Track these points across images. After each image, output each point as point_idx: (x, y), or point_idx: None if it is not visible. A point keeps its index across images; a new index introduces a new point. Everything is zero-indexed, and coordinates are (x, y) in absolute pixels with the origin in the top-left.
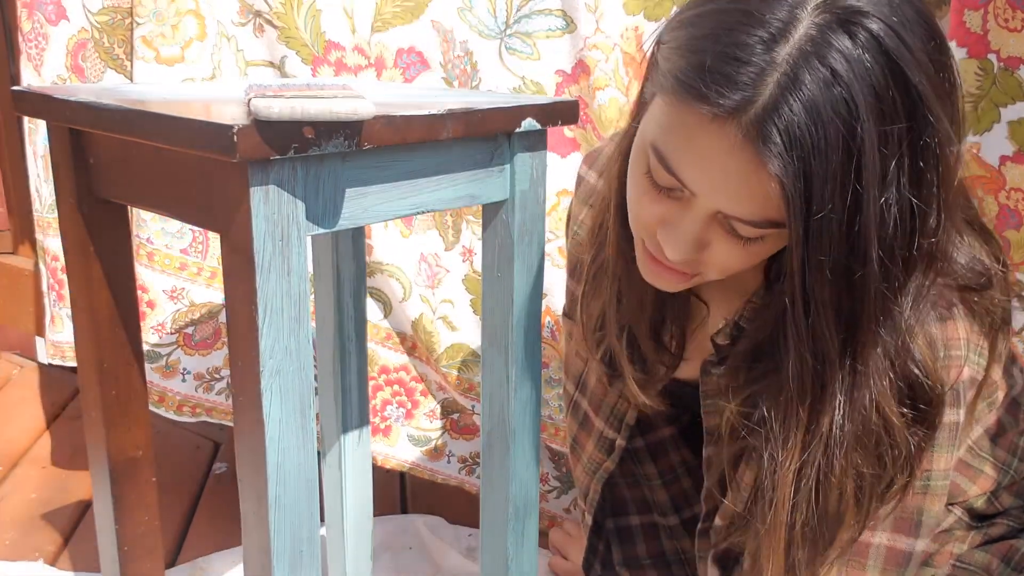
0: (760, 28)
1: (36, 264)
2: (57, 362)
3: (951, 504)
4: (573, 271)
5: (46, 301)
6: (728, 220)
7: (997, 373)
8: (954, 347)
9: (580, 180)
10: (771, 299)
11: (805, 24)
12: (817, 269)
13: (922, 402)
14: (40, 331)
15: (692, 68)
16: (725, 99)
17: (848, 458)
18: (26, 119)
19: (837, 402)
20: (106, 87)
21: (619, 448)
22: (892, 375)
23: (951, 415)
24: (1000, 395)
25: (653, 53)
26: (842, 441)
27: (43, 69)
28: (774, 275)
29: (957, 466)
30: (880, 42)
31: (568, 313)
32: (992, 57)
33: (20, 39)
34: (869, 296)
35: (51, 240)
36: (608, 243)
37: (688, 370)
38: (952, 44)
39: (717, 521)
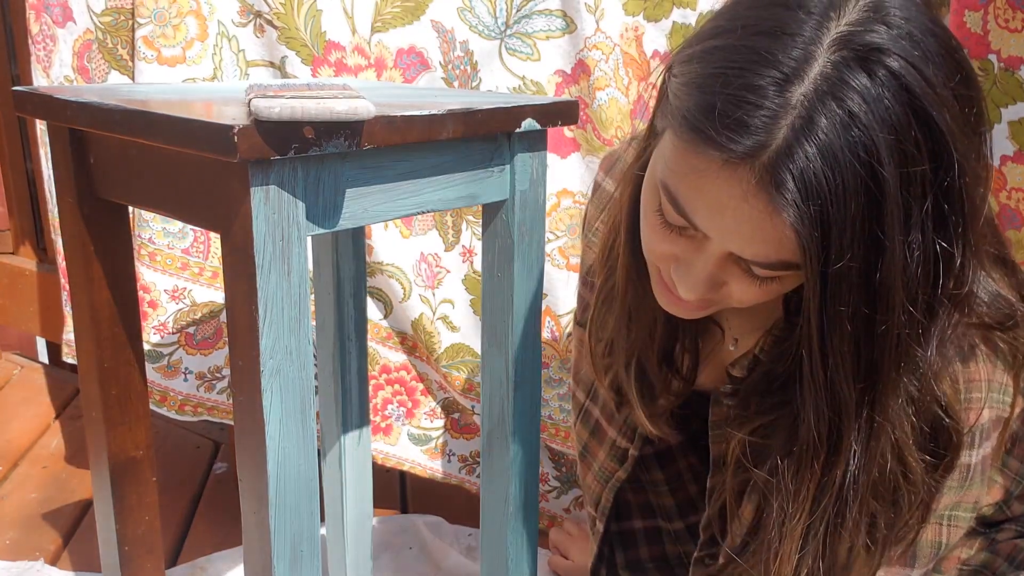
0: (773, 68)
1: (39, 264)
2: (71, 360)
3: None
4: (586, 278)
5: (62, 300)
6: (743, 260)
7: (1020, 405)
8: (975, 389)
9: (597, 186)
10: (790, 332)
11: (820, 63)
12: (836, 320)
13: (944, 445)
14: (41, 331)
15: (701, 110)
16: (737, 144)
17: (861, 509)
18: (38, 121)
19: (852, 454)
20: (107, 87)
21: (632, 457)
22: (915, 419)
23: (965, 457)
24: (1017, 410)
25: (664, 82)
26: (856, 493)
27: (51, 71)
28: (793, 308)
29: None
30: (901, 80)
31: (580, 321)
32: (992, 57)
33: (29, 41)
34: (891, 345)
35: None
36: (618, 269)
37: (699, 381)
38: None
39: (720, 560)
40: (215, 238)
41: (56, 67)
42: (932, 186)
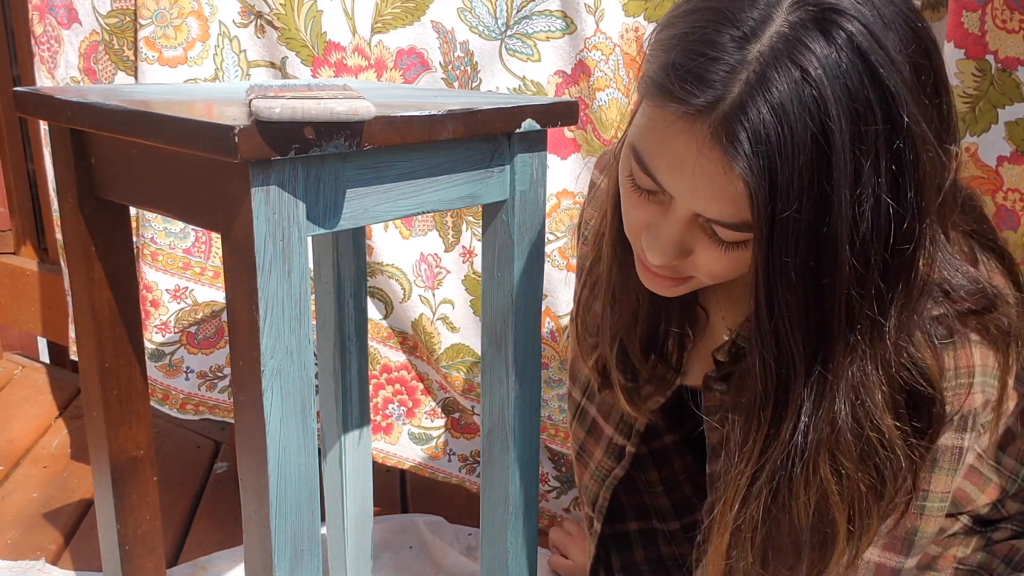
0: (733, 27)
1: (40, 264)
2: (76, 359)
3: (959, 513)
4: (581, 275)
5: (66, 300)
6: (708, 224)
7: (1011, 387)
8: (965, 375)
9: (593, 185)
10: None
11: (779, 22)
12: (782, 271)
13: (925, 416)
14: (42, 331)
15: (664, 68)
16: (694, 98)
17: (815, 466)
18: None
19: (802, 408)
20: (108, 88)
21: (629, 455)
22: (886, 388)
23: (955, 439)
24: (1011, 404)
25: (643, 58)
26: (804, 450)
27: (56, 71)
28: None
29: (967, 474)
30: (855, 41)
31: (575, 318)
32: (990, 58)
33: (32, 42)
34: (839, 302)
35: None
36: (604, 248)
37: (693, 377)
38: (950, 45)
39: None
40: (216, 238)
41: (62, 68)
42: (884, 148)
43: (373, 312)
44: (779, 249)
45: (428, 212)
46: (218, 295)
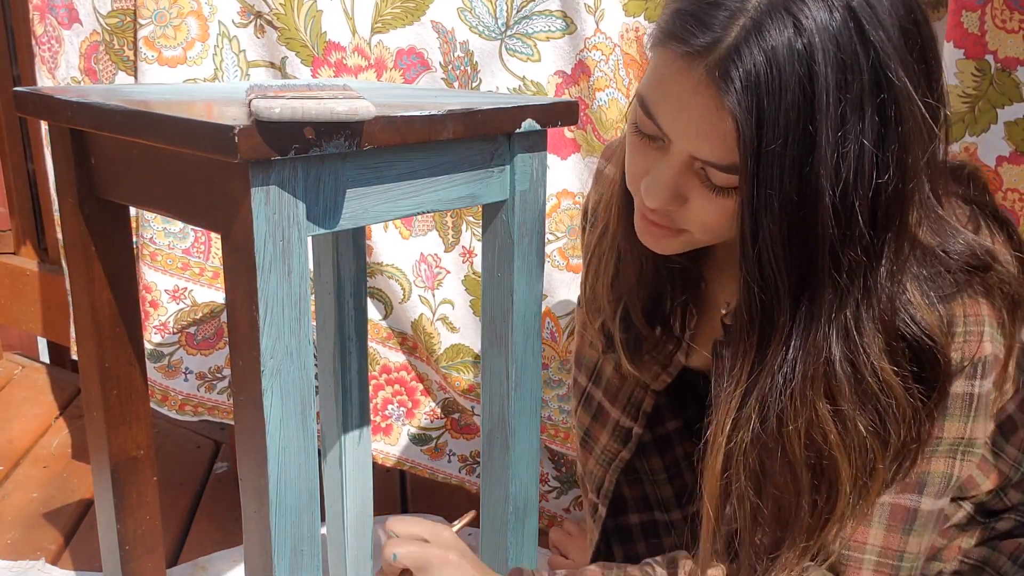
0: None
1: (41, 264)
2: (76, 359)
3: (962, 499)
4: (589, 250)
5: (68, 300)
6: (703, 168)
7: (1016, 353)
8: (974, 323)
9: (598, 173)
10: None
11: None
12: (766, 203)
13: (930, 370)
14: (42, 331)
15: (672, 14)
16: (694, 38)
17: (802, 400)
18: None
19: (792, 343)
20: (108, 88)
21: (636, 436)
22: (882, 336)
23: (966, 386)
24: (1010, 388)
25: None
26: (792, 380)
27: (57, 72)
28: None
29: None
30: (848, 1)
31: (581, 302)
32: (989, 58)
33: (33, 42)
34: (823, 240)
35: None
36: (612, 209)
37: (697, 359)
38: (949, 44)
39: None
40: (216, 238)
41: (62, 68)
42: (869, 99)
43: (373, 312)
44: (764, 181)
45: (428, 212)
46: (217, 296)
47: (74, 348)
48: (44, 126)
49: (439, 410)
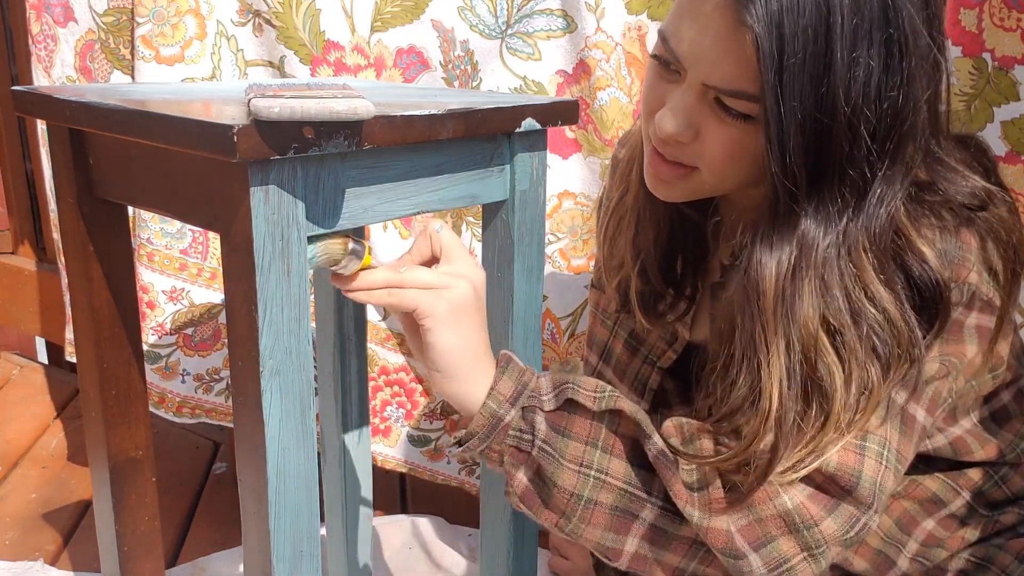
0: None
1: (39, 264)
2: (73, 360)
3: (958, 485)
4: (607, 209)
5: (64, 300)
6: (717, 98)
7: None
8: (966, 250)
9: (614, 160)
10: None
11: None
12: (790, 111)
13: (926, 293)
14: (40, 331)
15: None
16: None
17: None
18: (38, 120)
19: (806, 218)
20: (106, 87)
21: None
22: (871, 255)
23: (957, 314)
24: (1004, 371)
25: None
26: (817, 256)
27: (52, 70)
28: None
29: (971, 430)
30: None
31: (595, 283)
32: (987, 56)
33: (29, 41)
34: (837, 149)
35: None
36: (633, 179)
37: (701, 331)
38: (947, 43)
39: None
40: (213, 239)
41: (58, 67)
42: (878, 28)
43: (371, 313)
44: (787, 93)
45: (428, 212)
46: (215, 296)
47: (68, 348)
48: (42, 126)
49: (439, 411)
